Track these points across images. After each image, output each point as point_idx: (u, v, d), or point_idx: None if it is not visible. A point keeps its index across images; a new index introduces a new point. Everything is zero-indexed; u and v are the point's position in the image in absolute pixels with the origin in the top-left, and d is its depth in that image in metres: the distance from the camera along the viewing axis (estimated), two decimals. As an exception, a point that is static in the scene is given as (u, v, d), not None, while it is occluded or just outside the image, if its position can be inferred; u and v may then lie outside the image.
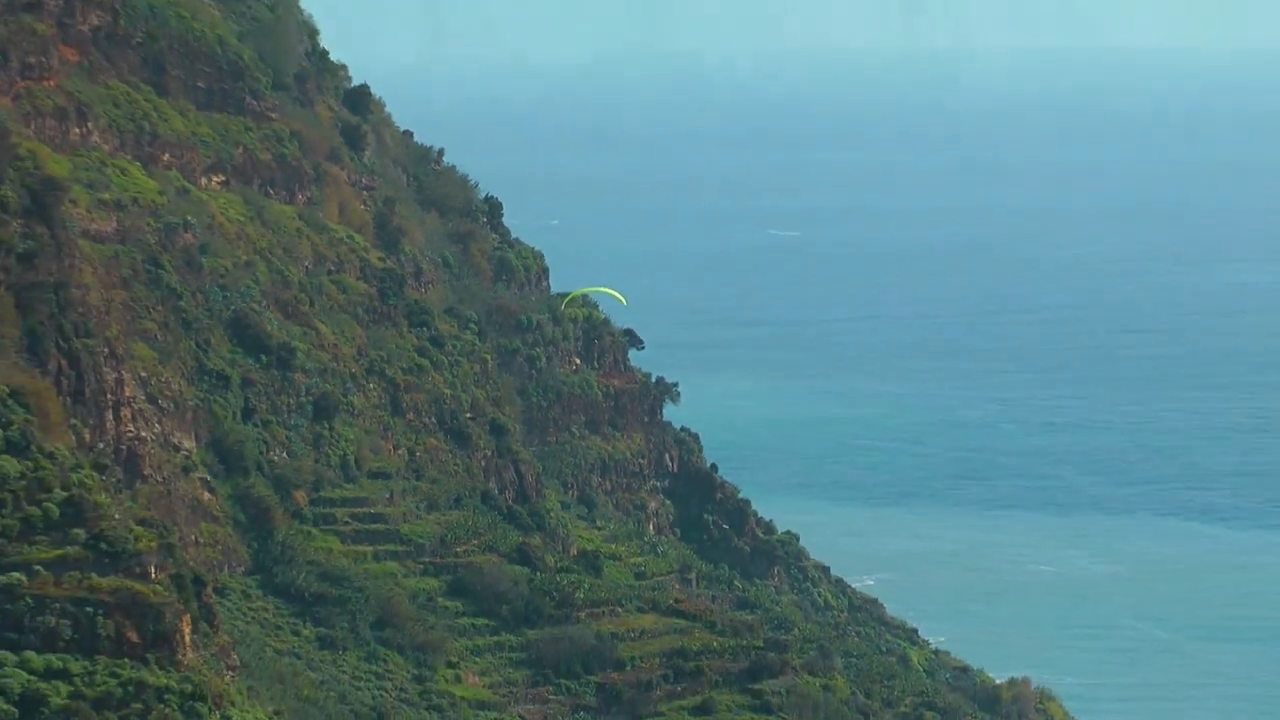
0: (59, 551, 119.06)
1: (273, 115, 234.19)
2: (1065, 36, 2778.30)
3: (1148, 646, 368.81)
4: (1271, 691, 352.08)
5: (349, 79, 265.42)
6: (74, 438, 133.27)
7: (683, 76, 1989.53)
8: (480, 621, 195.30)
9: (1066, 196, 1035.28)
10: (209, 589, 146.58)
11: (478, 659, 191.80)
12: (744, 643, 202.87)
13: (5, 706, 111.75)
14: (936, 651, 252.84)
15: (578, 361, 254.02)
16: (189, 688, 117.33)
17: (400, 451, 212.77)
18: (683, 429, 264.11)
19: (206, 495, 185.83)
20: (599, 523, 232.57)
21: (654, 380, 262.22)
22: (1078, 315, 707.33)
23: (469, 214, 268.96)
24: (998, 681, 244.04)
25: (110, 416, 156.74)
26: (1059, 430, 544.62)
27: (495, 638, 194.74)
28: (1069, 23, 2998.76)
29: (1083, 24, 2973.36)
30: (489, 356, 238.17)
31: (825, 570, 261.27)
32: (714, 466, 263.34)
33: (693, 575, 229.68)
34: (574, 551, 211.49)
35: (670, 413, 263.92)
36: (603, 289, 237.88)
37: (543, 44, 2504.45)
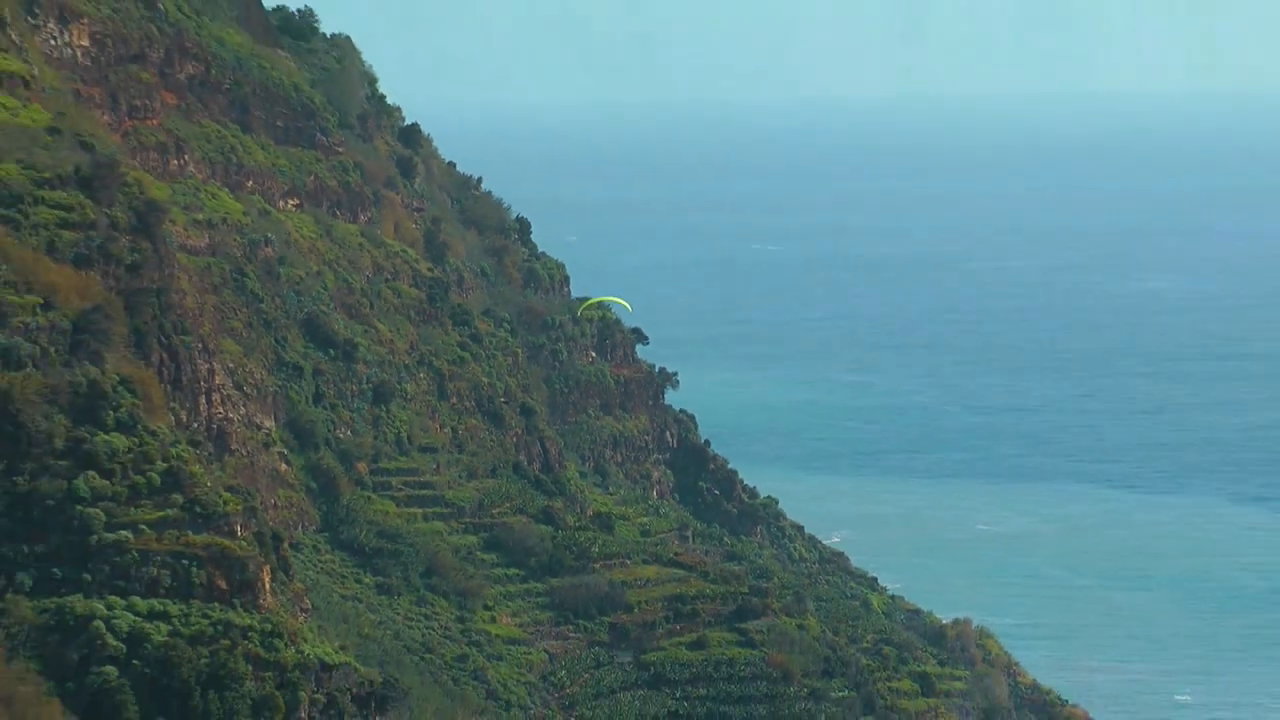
0: (160, 513, 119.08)
1: (339, 149, 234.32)
2: (1021, 84, 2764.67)
3: (1068, 591, 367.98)
4: (1165, 625, 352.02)
5: (402, 119, 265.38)
6: (173, 418, 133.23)
7: (684, 120, 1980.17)
8: (511, 571, 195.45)
9: (1007, 219, 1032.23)
10: (285, 544, 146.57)
11: (509, 603, 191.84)
12: (732, 589, 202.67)
13: (115, 643, 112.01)
14: (893, 597, 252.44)
15: (593, 354, 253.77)
16: (268, 627, 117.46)
17: (445, 430, 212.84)
18: (681, 411, 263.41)
19: (283, 466, 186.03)
20: (611, 489, 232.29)
21: (657, 370, 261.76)
22: (1012, 317, 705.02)
23: (502, 231, 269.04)
24: (944, 621, 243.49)
25: (203, 400, 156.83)
26: (994, 412, 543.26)
27: (524, 585, 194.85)
28: (1026, 71, 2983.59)
29: (1035, 72, 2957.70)
30: (519, 350, 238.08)
31: (800, 529, 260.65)
32: (707, 442, 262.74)
33: (689, 533, 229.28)
34: (590, 513, 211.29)
35: (671, 397, 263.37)
36: (613, 298, 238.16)
37: (552, 91, 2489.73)
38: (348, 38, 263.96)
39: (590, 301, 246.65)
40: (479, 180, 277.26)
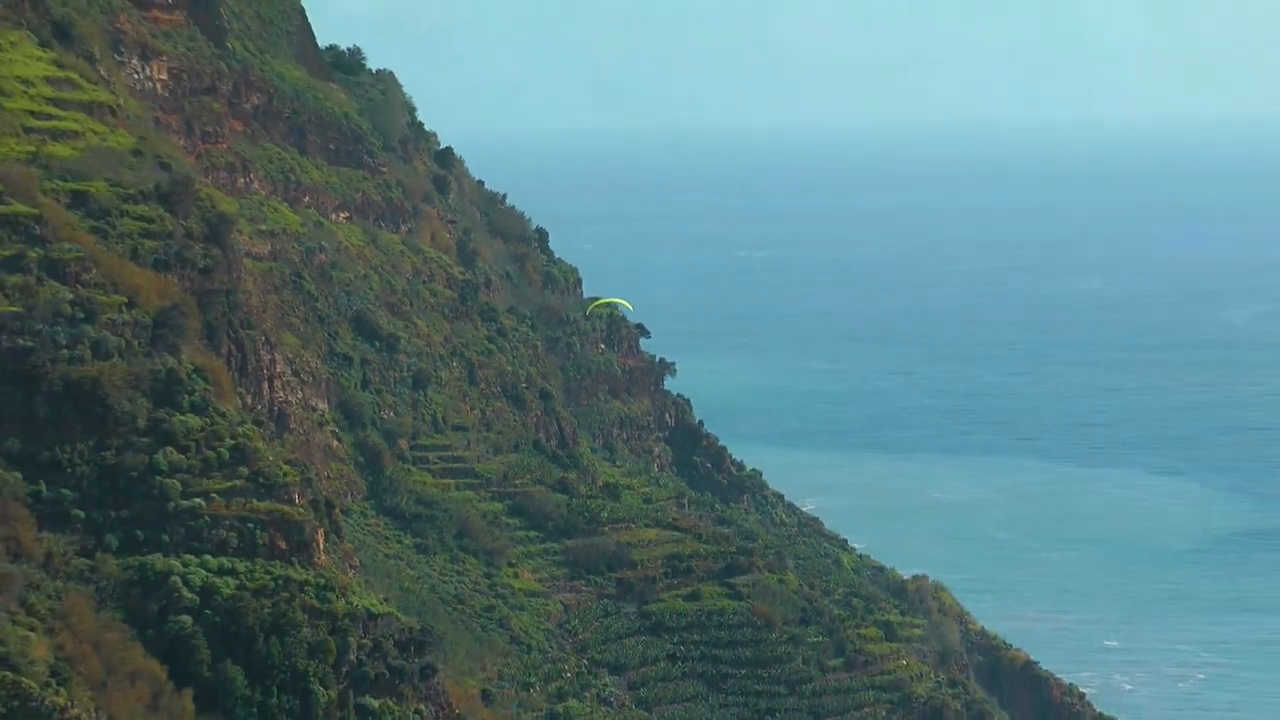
0: (228, 483, 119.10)
1: (383, 169, 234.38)
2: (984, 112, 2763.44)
3: (1012, 550, 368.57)
4: (1095, 580, 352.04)
5: (438, 143, 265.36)
6: (239, 402, 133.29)
7: (683, 144, 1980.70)
8: (532, 534, 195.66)
9: (962, 229, 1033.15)
10: (336, 510, 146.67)
11: (530, 561, 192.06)
12: (722, 549, 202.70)
13: (189, 595, 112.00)
14: (860, 555, 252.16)
15: (602, 346, 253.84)
16: (322, 581, 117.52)
17: (474, 411, 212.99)
18: (678, 395, 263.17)
19: (335, 443, 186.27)
20: (617, 463, 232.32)
21: (657, 360, 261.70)
22: (963, 314, 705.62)
23: (524, 240, 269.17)
24: (905, 577, 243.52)
25: (265, 386, 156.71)
26: (947, 395, 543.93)
27: (543, 545, 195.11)
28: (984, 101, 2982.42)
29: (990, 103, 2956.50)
30: (539, 343, 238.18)
31: (780, 496, 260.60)
32: (700, 422, 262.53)
33: (685, 500, 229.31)
34: (599, 483, 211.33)
35: (669, 383, 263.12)
36: (617, 300, 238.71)
37: (564, 119, 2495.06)
38: (390, 73, 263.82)
39: (598, 301, 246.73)
40: (504, 196, 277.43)
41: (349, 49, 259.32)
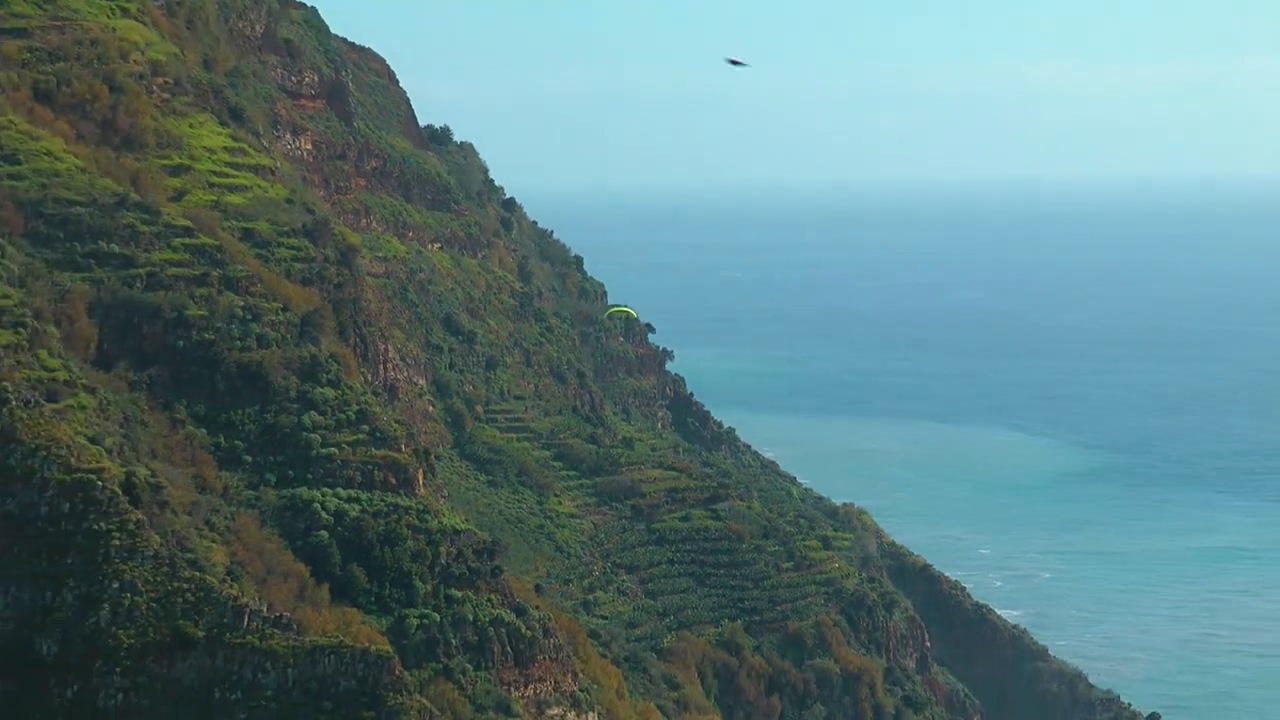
0: (354, 437, 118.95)
1: (464, 213, 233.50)
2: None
3: (912, 486, 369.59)
4: (972, 506, 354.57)
5: (504, 194, 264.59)
6: (362, 378, 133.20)
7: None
8: (570, 473, 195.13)
9: (883, 258, 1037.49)
10: (431, 456, 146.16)
11: (569, 492, 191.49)
12: (706, 484, 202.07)
13: (326, 517, 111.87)
14: (805, 489, 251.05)
15: (621, 339, 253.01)
16: (421, 507, 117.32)
17: (530, 385, 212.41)
18: (676, 374, 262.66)
19: (430, 408, 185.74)
20: (631, 422, 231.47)
21: (660, 349, 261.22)
22: (879, 317, 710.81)
23: (566, 264, 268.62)
24: (837, 504, 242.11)
25: (381, 367, 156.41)
26: (869, 374, 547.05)
27: (578, 481, 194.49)
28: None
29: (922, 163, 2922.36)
30: (576, 337, 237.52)
31: (748, 446, 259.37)
32: (691, 394, 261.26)
33: (680, 449, 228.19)
34: (619, 437, 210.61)
35: (670, 366, 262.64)
36: (626, 308, 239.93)
37: (600, 175, 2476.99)
38: (470, 144, 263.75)
39: (613, 309, 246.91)
40: (551, 232, 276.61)
41: (441, 127, 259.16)
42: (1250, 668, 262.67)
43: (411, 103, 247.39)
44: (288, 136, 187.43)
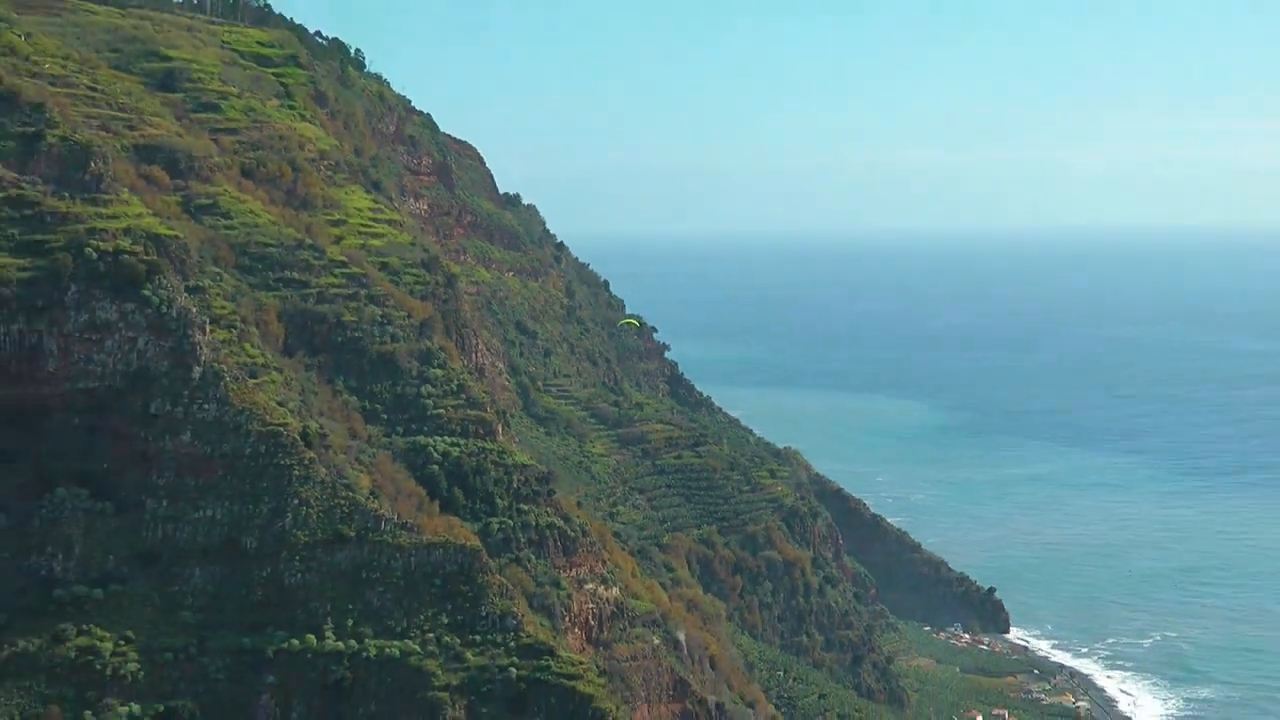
0: (456, 401, 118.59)
1: (530, 251, 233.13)
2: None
3: (836, 436, 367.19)
4: (877, 449, 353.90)
5: (557, 239, 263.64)
6: (461, 363, 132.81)
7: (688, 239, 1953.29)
8: (601, 427, 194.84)
9: (816, 281, 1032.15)
10: (506, 415, 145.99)
11: (600, 440, 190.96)
12: (692, 433, 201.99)
13: (436, 455, 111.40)
14: (759, 437, 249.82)
15: (636, 336, 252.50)
16: (500, 449, 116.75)
17: (573, 368, 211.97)
18: (672, 361, 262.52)
19: (506, 382, 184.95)
20: (642, 392, 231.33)
21: (661, 343, 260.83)
22: (812, 322, 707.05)
23: (599, 286, 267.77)
24: (780, 447, 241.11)
25: (473, 355, 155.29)
26: (805, 361, 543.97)
27: (606, 432, 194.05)
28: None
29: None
30: (604, 335, 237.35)
31: (721, 409, 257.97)
32: (682, 374, 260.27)
33: (674, 410, 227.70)
34: (633, 402, 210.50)
35: (668, 355, 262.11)
36: (633, 320, 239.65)
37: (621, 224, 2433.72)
38: (533, 205, 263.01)
39: (624, 320, 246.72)
40: (589, 264, 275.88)
41: (514, 193, 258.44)
42: (1045, 551, 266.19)
43: (494, 177, 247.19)
44: (411, 200, 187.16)
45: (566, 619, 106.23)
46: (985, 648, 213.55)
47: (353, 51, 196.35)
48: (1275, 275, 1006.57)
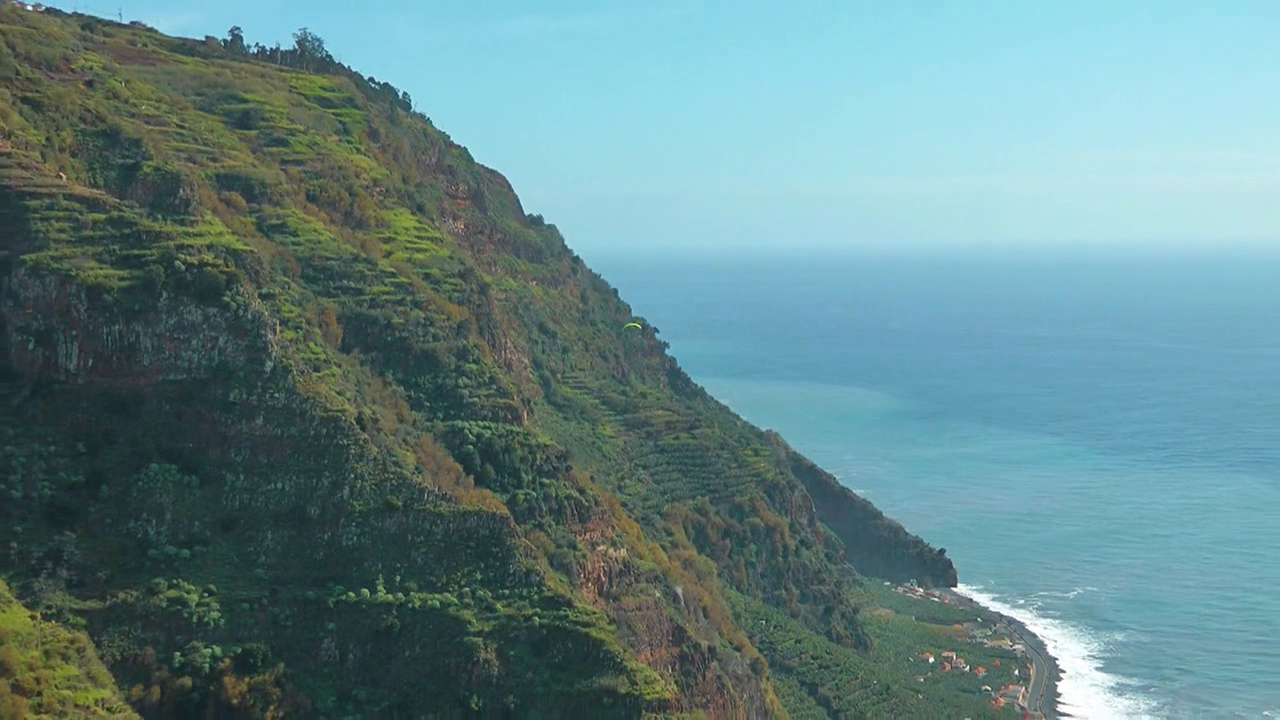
0: (487, 391, 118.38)
1: (550, 264, 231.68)
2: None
3: (808, 420, 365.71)
4: (844, 434, 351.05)
5: (574, 253, 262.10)
6: (492, 358, 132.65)
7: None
8: (611, 412, 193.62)
9: (790, 288, 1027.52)
10: (530, 402, 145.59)
11: (610, 423, 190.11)
12: (687, 418, 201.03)
13: (471, 436, 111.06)
14: (745, 421, 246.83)
15: (640, 335, 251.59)
16: (525, 431, 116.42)
17: (588, 362, 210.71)
18: (671, 356, 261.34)
19: (531, 375, 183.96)
20: (645, 383, 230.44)
21: (662, 341, 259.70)
22: (787, 322, 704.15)
23: (609, 294, 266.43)
24: (763, 429, 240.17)
25: (503, 352, 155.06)
26: (783, 356, 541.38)
27: (615, 416, 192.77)
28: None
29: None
30: (614, 334, 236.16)
31: (713, 397, 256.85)
32: (680, 367, 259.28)
33: (673, 399, 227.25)
34: (638, 392, 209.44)
35: (668, 351, 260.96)
36: (635, 324, 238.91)
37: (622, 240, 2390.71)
38: (554, 225, 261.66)
39: (628, 324, 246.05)
40: (600, 275, 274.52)
41: (537, 215, 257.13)
42: (984, 518, 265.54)
43: (520, 201, 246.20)
44: (449, 221, 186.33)
45: (581, 576, 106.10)
46: (936, 600, 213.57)
47: (400, 94, 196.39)
48: (1180, 287, 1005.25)
